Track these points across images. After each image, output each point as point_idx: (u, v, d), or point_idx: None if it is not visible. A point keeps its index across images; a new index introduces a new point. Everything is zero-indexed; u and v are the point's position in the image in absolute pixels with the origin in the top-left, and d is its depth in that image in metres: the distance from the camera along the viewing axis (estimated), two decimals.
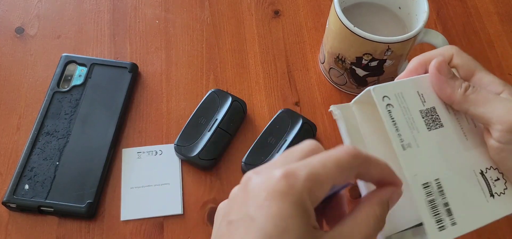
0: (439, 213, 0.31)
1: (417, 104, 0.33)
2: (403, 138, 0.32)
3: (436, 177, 0.31)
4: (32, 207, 0.45)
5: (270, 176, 0.27)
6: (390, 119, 0.32)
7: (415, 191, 0.31)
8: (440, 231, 0.31)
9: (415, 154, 0.32)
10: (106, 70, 0.53)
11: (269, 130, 0.50)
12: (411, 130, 0.32)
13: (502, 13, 0.62)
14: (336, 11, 0.47)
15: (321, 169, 0.26)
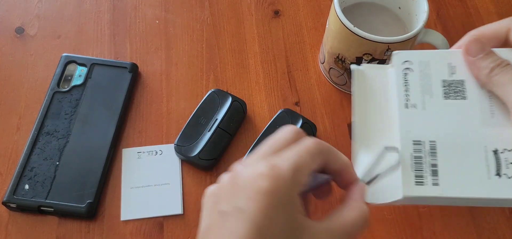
0: (421, 170, 0.33)
1: (442, 74, 0.35)
2: (410, 98, 0.35)
3: (432, 139, 0.33)
4: (32, 207, 0.45)
5: (258, 171, 0.29)
6: (403, 80, 0.36)
7: (401, 144, 0.33)
8: (416, 185, 0.32)
9: (417, 114, 0.34)
10: (106, 70, 0.53)
11: (269, 130, 0.50)
12: (423, 94, 0.35)
13: (502, 13, 0.62)
14: (336, 11, 0.47)
15: (299, 159, 0.29)
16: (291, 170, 0.28)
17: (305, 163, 0.29)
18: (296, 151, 0.30)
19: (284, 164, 0.29)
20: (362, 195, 0.32)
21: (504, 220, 0.47)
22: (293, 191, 0.28)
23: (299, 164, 0.29)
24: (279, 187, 0.28)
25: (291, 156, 0.29)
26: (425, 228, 0.47)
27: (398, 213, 0.47)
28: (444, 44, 0.49)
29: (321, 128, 0.52)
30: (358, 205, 0.31)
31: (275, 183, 0.28)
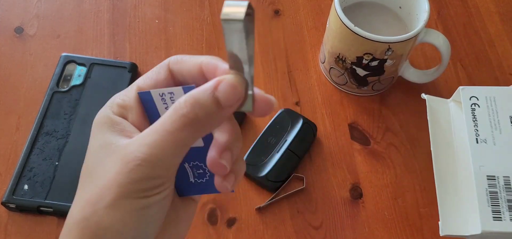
0: (498, 206, 0.34)
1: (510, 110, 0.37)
2: (480, 133, 0.36)
3: (506, 174, 0.35)
4: (32, 207, 0.44)
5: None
6: (471, 115, 0.37)
7: (475, 179, 0.34)
8: (495, 220, 0.33)
9: (487, 149, 0.36)
10: (105, 70, 0.53)
11: (269, 129, 0.50)
12: (493, 129, 0.37)
13: (503, 13, 0.62)
14: (337, 10, 0.47)
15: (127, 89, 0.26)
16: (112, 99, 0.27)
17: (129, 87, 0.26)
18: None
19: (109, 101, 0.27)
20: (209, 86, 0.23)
21: None
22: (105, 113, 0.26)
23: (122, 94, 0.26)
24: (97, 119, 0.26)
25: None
26: (425, 228, 0.46)
27: (398, 213, 0.47)
28: (445, 44, 0.48)
29: (322, 127, 0.52)
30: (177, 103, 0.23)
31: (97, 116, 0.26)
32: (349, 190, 0.48)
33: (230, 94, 0.22)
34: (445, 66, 0.50)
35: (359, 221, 0.47)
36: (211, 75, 0.25)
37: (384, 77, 0.51)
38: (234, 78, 0.23)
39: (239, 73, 0.22)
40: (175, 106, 0.22)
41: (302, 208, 0.47)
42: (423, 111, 0.54)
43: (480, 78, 0.56)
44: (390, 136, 0.52)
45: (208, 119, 0.22)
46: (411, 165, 0.50)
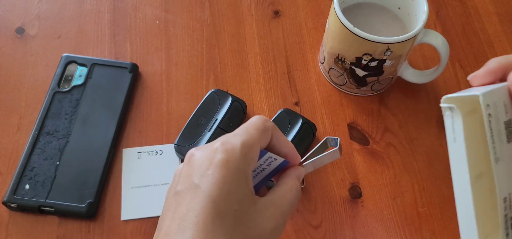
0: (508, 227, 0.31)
1: (503, 115, 0.31)
2: (496, 150, 0.31)
3: (510, 191, 0.31)
4: (33, 207, 0.45)
5: (211, 149, 0.30)
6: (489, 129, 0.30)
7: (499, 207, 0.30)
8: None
9: (500, 168, 0.30)
10: (106, 70, 0.53)
11: None
12: (500, 142, 0.31)
13: (502, 13, 0.62)
14: (336, 11, 0.47)
15: (247, 135, 0.31)
16: (241, 144, 0.30)
17: (253, 138, 0.31)
18: (244, 127, 0.32)
19: (235, 139, 0.30)
20: (296, 173, 0.35)
21: None
22: (244, 164, 0.30)
23: (247, 139, 0.31)
24: (231, 160, 0.29)
25: (240, 133, 0.31)
26: (424, 228, 0.47)
27: (397, 213, 0.47)
28: (444, 44, 0.49)
29: (321, 128, 0.52)
30: (290, 180, 0.34)
31: (227, 155, 0.29)
32: (348, 190, 0.48)
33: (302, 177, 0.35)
34: (444, 66, 0.51)
35: (358, 221, 0.47)
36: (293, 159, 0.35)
37: (383, 77, 0.51)
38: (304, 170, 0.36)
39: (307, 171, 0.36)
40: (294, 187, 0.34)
41: (302, 208, 0.47)
42: (422, 111, 0.54)
43: None
44: (389, 136, 0.52)
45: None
46: (410, 165, 0.50)
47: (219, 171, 0.29)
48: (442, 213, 0.48)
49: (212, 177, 0.29)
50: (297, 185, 0.34)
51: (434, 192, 0.49)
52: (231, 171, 0.29)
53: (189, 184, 0.30)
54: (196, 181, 0.29)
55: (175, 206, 0.30)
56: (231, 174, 0.29)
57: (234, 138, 0.31)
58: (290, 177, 0.34)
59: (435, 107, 0.54)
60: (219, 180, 0.29)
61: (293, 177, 0.34)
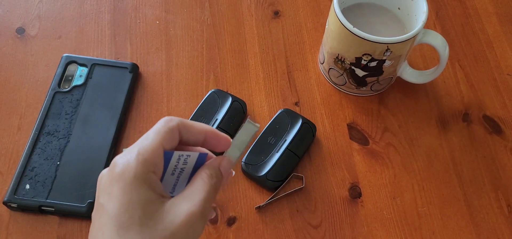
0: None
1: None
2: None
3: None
4: (33, 206, 0.45)
5: (111, 166, 0.31)
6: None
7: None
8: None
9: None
10: (106, 70, 0.53)
11: (269, 130, 0.50)
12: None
13: (501, 14, 0.62)
14: (336, 11, 0.47)
15: (145, 141, 0.31)
16: (136, 152, 0.30)
17: (153, 143, 0.30)
18: (145, 135, 0.32)
19: (132, 150, 0.31)
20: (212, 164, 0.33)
21: (503, 219, 0.48)
22: (142, 170, 0.30)
23: (144, 144, 0.30)
24: (127, 170, 0.29)
25: (138, 141, 0.31)
26: (424, 228, 0.47)
27: (397, 213, 0.47)
28: (443, 44, 0.49)
29: (321, 128, 0.52)
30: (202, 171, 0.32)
31: (123, 167, 0.30)
32: (348, 190, 0.49)
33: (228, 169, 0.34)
34: (444, 66, 0.51)
35: (358, 220, 0.47)
36: (212, 143, 0.34)
37: (383, 77, 0.51)
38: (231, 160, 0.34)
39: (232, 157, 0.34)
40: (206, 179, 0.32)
41: (302, 207, 0.47)
42: (421, 111, 0.54)
43: (478, 79, 0.57)
44: (389, 136, 0.52)
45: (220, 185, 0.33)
46: (410, 164, 0.50)
47: (117, 184, 0.29)
48: (442, 213, 0.48)
49: (112, 193, 0.30)
50: (209, 173, 0.32)
51: (434, 192, 0.49)
52: (129, 180, 0.29)
53: (97, 204, 0.31)
54: (101, 200, 0.30)
55: (91, 229, 0.31)
56: (129, 183, 0.29)
57: (132, 149, 0.31)
58: (202, 170, 0.33)
59: (434, 107, 0.54)
60: (118, 192, 0.29)
61: (206, 167, 0.33)
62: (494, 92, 0.56)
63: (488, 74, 0.57)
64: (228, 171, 0.34)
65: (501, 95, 0.56)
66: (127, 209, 0.29)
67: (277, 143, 0.49)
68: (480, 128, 0.53)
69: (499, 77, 0.57)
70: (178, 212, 0.30)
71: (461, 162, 0.51)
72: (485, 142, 0.52)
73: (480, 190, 0.49)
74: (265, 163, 0.48)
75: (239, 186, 0.48)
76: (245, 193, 0.48)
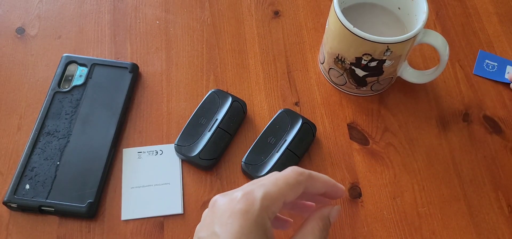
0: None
1: None
2: None
3: None
4: (33, 207, 0.45)
5: (233, 197, 0.31)
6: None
7: None
8: None
9: None
10: (106, 70, 0.53)
11: (269, 129, 0.50)
12: None
13: (502, 14, 0.62)
14: (336, 11, 0.47)
15: (273, 188, 0.31)
16: (262, 196, 0.30)
17: (279, 192, 0.31)
18: (272, 179, 0.32)
19: (257, 191, 0.31)
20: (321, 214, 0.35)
21: (503, 219, 0.48)
22: (262, 216, 0.30)
23: (272, 191, 0.31)
24: (250, 211, 0.30)
25: (265, 184, 0.31)
26: (424, 228, 0.47)
27: (397, 213, 0.47)
28: (444, 44, 0.49)
29: (321, 128, 0.52)
30: (313, 221, 0.34)
31: (247, 206, 0.30)
32: (348, 190, 0.49)
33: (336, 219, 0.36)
34: (444, 66, 0.51)
35: (358, 220, 0.47)
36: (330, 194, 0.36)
37: (383, 77, 0.51)
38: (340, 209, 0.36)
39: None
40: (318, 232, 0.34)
41: None
42: (421, 111, 0.54)
43: (478, 79, 0.57)
44: (389, 136, 0.52)
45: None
46: (410, 164, 0.50)
47: (237, 221, 0.30)
48: (442, 213, 0.48)
49: (231, 226, 0.30)
50: (321, 225, 0.34)
51: (434, 192, 0.49)
52: (249, 222, 0.30)
53: (211, 231, 0.31)
54: (216, 229, 0.30)
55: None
56: (248, 225, 0.30)
57: (258, 188, 0.31)
58: (313, 218, 0.34)
59: (434, 107, 0.54)
60: (237, 230, 0.30)
61: (316, 218, 0.34)
62: (494, 92, 0.56)
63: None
64: (336, 219, 0.36)
65: (501, 95, 0.56)
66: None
67: (277, 143, 0.49)
68: (480, 128, 0.53)
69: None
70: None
71: (461, 162, 0.51)
72: (485, 142, 0.52)
73: (480, 190, 0.49)
74: (265, 163, 0.48)
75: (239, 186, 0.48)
76: None
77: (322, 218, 0.34)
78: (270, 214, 0.31)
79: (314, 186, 0.34)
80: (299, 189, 0.33)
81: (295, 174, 0.32)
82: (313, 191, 0.34)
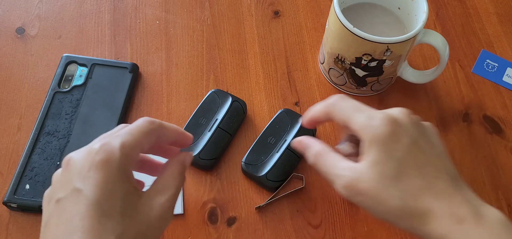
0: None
1: None
2: None
3: None
4: (33, 206, 0.45)
5: (90, 150, 0.31)
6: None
7: None
8: None
9: None
10: (106, 70, 0.53)
11: (269, 129, 0.50)
12: None
13: (501, 14, 0.62)
14: (336, 11, 0.47)
15: (129, 137, 0.32)
16: (120, 144, 0.31)
17: (135, 140, 0.32)
18: (128, 129, 0.33)
19: (115, 140, 0.31)
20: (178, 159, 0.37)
21: None
22: (124, 164, 0.31)
23: (129, 140, 0.32)
24: (111, 160, 0.30)
25: (122, 133, 0.32)
26: None
27: None
28: (444, 44, 0.49)
29: (321, 127, 0.52)
30: (172, 166, 0.36)
31: (107, 156, 0.30)
32: None
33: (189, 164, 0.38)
34: (444, 66, 0.51)
35: (358, 220, 0.47)
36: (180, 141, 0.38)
37: (383, 77, 0.51)
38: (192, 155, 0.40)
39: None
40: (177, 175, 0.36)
41: (302, 207, 0.47)
42: (421, 111, 0.54)
43: (478, 78, 0.57)
44: None
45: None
46: None
47: (100, 172, 0.30)
48: None
49: (93, 179, 0.30)
50: (179, 169, 0.36)
51: None
52: (112, 171, 0.30)
53: (70, 189, 0.30)
54: (77, 185, 0.30)
55: (59, 214, 0.30)
56: (112, 174, 0.30)
57: (115, 139, 0.32)
58: (171, 163, 0.36)
59: (434, 107, 0.54)
60: (101, 181, 0.30)
61: (174, 162, 0.36)
62: (494, 92, 0.56)
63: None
64: (189, 164, 0.38)
65: (501, 95, 0.56)
66: (109, 198, 0.30)
67: (277, 143, 0.49)
68: (480, 128, 0.53)
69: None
70: (153, 205, 0.32)
71: (461, 162, 0.51)
72: (485, 142, 0.52)
73: (480, 189, 0.49)
74: (265, 163, 0.48)
75: (239, 186, 0.48)
76: (245, 193, 0.48)
77: (179, 162, 0.36)
78: (130, 161, 0.32)
79: (165, 134, 0.36)
80: (152, 136, 0.34)
81: (148, 122, 0.34)
82: (165, 139, 0.36)
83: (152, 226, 0.32)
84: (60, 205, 0.30)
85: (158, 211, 0.33)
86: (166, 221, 0.34)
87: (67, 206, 0.30)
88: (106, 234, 0.29)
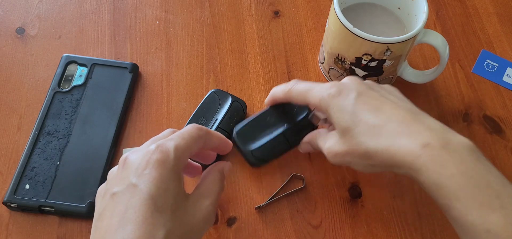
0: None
1: None
2: None
3: None
4: (33, 206, 0.45)
5: (146, 151, 0.33)
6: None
7: None
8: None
9: None
10: (106, 70, 0.53)
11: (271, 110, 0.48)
12: None
13: (502, 14, 0.62)
14: (336, 11, 0.47)
15: (182, 141, 0.35)
16: (174, 147, 0.34)
17: (186, 144, 0.35)
18: (180, 133, 0.36)
19: (169, 143, 0.34)
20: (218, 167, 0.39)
21: None
22: (177, 166, 0.33)
23: (181, 144, 0.34)
24: (167, 161, 0.33)
25: (175, 138, 0.35)
26: (425, 228, 0.47)
27: (397, 213, 0.47)
28: (444, 44, 0.49)
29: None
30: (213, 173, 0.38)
31: (163, 156, 0.33)
32: (348, 190, 0.49)
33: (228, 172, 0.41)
34: (444, 66, 0.51)
35: (358, 220, 0.47)
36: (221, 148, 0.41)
37: (383, 77, 0.51)
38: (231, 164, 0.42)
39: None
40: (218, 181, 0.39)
41: (302, 207, 0.47)
42: None
43: (478, 78, 0.57)
44: None
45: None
46: None
47: (156, 170, 0.32)
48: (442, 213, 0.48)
49: (149, 176, 0.32)
50: (219, 176, 0.39)
51: None
52: (167, 171, 0.32)
53: (126, 184, 0.32)
54: (134, 180, 0.32)
55: (113, 206, 0.32)
56: (166, 173, 0.32)
57: (169, 141, 0.34)
58: (212, 171, 0.39)
59: (434, 107, 0.54)
60: (156, 179, 0.32)
61: (215, 170, 0.39)
62: (494, 92, 0.56)
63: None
64: (228, 172, 0.41)
65: (501, 95, 0.56)
66: (162, 195, 0.32)
67: (275, 124, 0.47)
68: (480, 128, 0.53)
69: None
70: (198, 207, 0.35)
71: None
72: (485, 142, 0.52)
73: None
74: (256, 139, 0.47)
75: (239, 186, 0.48)
76: (245, 193, 0.48)
77: (219, 170, 0.39)
78: (181, 163, 0.34)
79: (211, 140, 0.38)
80: (200, 142, 0.37)
81: (197, 129, 0.37)
82: (210, 145, 0.39)
83: (196, 227, 0.34)
84: (115, 198, 0.32)
85: (203, 213, 0.35)
86: (209, 224, 0.36)
87: (122, 199, 0.32)
88: (157, 227, 0.31)
